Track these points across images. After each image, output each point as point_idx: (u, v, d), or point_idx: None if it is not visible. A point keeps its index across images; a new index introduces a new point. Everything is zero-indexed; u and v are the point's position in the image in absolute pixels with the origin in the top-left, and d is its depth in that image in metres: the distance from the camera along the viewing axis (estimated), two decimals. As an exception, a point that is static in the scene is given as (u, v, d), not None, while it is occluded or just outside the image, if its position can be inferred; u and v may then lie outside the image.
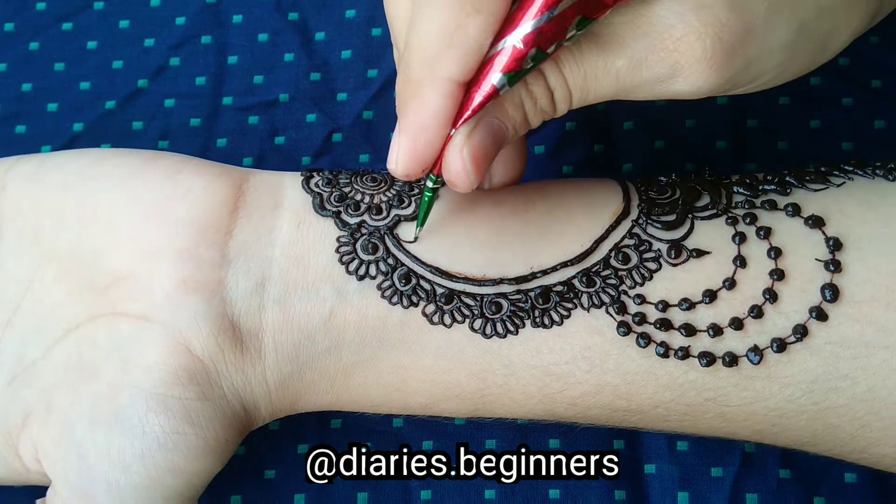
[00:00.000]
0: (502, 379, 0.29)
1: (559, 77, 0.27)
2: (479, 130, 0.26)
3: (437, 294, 0.29)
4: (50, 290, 0.29)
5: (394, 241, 0.29)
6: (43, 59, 0.42)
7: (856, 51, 0.39)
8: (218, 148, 0.40)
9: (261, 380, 0.29)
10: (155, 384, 0.28)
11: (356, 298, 0.29)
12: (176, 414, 0.28)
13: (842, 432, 0.28)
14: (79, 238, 0.29)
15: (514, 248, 0.29)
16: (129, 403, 0.28)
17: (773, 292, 0.28)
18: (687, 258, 0.29)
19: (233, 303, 0.29)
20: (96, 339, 0.29)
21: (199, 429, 0.28)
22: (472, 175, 0.27)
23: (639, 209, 0.30)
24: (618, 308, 0.28)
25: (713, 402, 0.28)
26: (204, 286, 0.28)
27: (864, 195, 0.29)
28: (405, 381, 0.30)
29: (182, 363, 0.28)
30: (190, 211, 0.29)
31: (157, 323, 0.28)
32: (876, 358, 0.27)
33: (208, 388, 0.28)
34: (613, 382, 0.28)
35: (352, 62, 0.41)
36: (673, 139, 0.39)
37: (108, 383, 0.28)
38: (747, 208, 0.29)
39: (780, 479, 0.34)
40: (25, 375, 0.29)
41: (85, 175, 0.30)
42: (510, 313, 0.29)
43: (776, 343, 0.27)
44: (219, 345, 0.28)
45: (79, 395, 0.28)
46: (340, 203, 0.30)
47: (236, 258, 0.29)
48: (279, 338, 0.29)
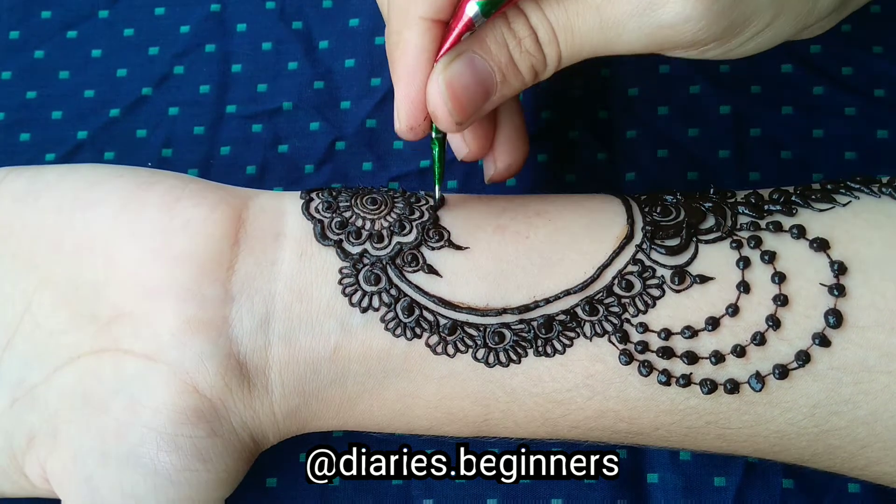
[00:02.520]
0: (505, 405, 0.29)
1: (541, 16, 0.27)
2: (458, 62, 0.27)
3: (440, 325, 0.29)
4: (48, 316, 0.29)
5: (396, 272, 0.29)
6: (48, 66, 0.42)
7: (859, 60, 0.39)
8: (221, 156, 0.40)
9: (268, 412, 0.29)
10: (164, 424, 0.28)
11: (360, 332, 0.29)
12: (187, 452, 0.28)
13: (842, 452, 0.28)
14: (77, 268, 0.29)
15: (517, 276, 0.29)
16: (139, 443, 0.28)
17: (777, 319, 0.27)
18: (690, 284, 0.28)
19: (238, 341, 0.28)
20: (101, 374, 0.28)
21: (209, 464, 0.28)
22: (449, 106, 0.27)
23: (643, 233, 0.29)
24: (620, 337, 0.28)
25: (714, 425, 0.28)
26: (209, 325, 0.28)
27: (870, 215, 0.29)
28: (409, 407, 0.30)
29: (190, 403, 0.28)
30: (190, 246, 0.29)
31: (162, 363, 0.28)
32: (878, 383, 0.27)
33: (217, 425, 0.28)
34: (615, 408, 0.28)
35: (355, 71, 0.41)
36: (676, 148, 0.39)
37: (117, 421, 0.28)
38: (752, 230, 0.29)
39: (783, 489, 0.34)
40: (28, 399, 0.29)
41: (79, 200, 0.30)
42: (513, 343, 0.28)
43: (778, 370, 0.27)
44: (226, 384, 0.28)
45: (87, 428, 0.28)
46: (342, 231, 0.30)
47: (239, 294, 0.29)
48: (285, 373, 0.29)
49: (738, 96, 0.39)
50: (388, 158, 0.40)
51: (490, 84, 0.28)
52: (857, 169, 0.38)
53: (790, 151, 0.39)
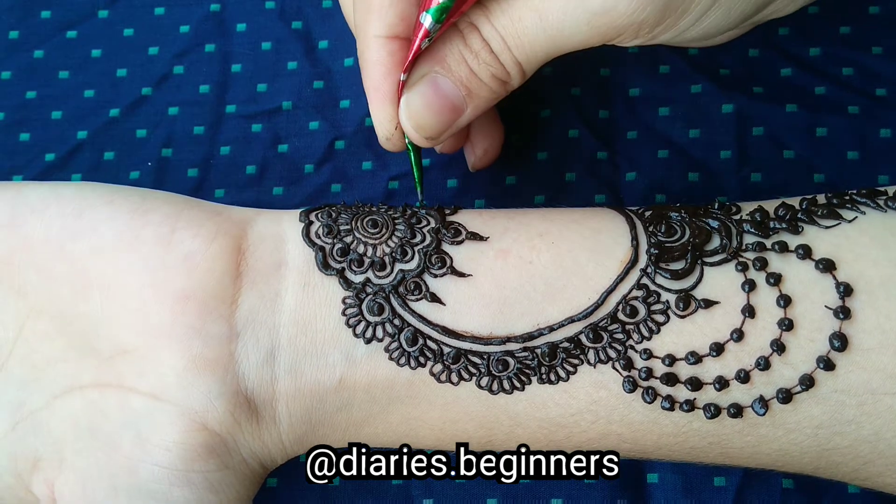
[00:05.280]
0: (508, 429, 0.29)
1: (489, 27, 0.29)
2: (421, 85, 0.30)
3: (444, 354, 0.28)
4: (43, 344, 0.29)
5: (399, 301, 0.29)
6: (47, 66, 0.42)
7: (860, 60, 0.39)
8: (221, 156, 0.40)
9: (276, 441, 0.29)
10: (175, 463, 0.28)
11: (365, 362, 0.28)
12: (199, 486, 0.28)
13: (845, 467, 0.28)
14: (71, 301, 0.29)
15: (520, 303, 0.28)
16: (151, 479, 0.28)
17: (781, 343, 0.27)
18: (696, 309, 0.28)
19: (245, 377, 0.28)
20: (106, 410, 0.28)
21: (221, 494, 0.28)
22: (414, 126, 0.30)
23: (647, 256, 0.29)
24: (624, 364, 0.28)
25: (717, 445, 0.28)
26: (215, 364, 0.28)
27: (876, 232, 0.28)
28: (414, 430, 0.30)
29: (200, 440, 0.28)
30: (191, 283, 0.28)
31: (169, 402, 0.28)
32: (882, 404, 0.26)
33: (228, 459, 0.29)
34: (618, 431, 0.28)
35: (354, 70, 0.41)
36: (677, 148, 0.39)
37: (128, 458, 0.28)
38: (758, 251, 0.28)
39: (783, 489, 0.34)
40: (30, 423, 0.29)
41: (66, 229, 0.29)
42: (517, 371, 0.28)
43: (782, 394, 0.27)
44: (235, 419, 0.28)
45: (95, 461, 0.28)
46: (343, 259, 0.29)
47: (244, 330, 0.28)
48: (292, 405, 0.29)
49: (740, 96, 0.39)
50: (388, 158, 0.40)
51: (457, 100, 0.30)
52: (859, 168, 0.38)
53: (792, 151, 0.38)
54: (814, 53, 0.40)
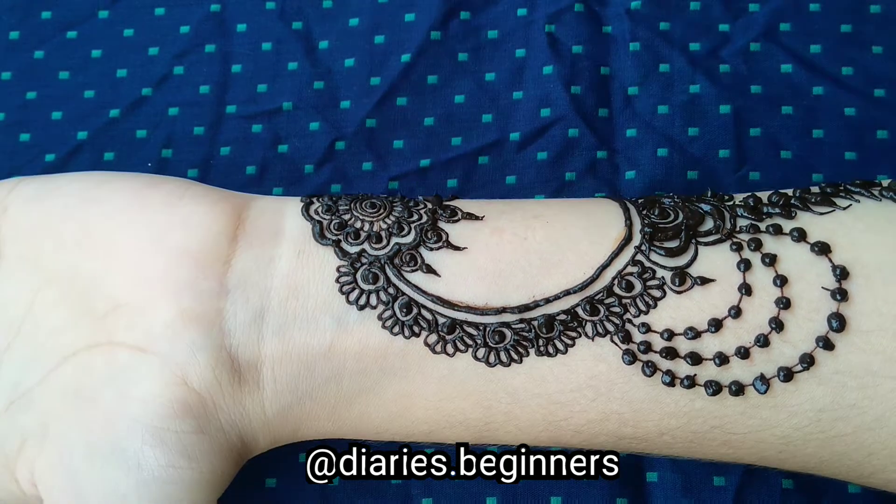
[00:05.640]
0: (507, 407, 0.29)
1: None
2: None
3: (439, 324, 0.28)
4: (48, 315, 0.29)
5: (394, 271, 0.29)
6: (48, 67, 0.42)
7: (859, 61, 0.39)
8: (221, 156, 0.40)
9: (259, 411, 0.29)
10: (151, 417, 0.27)
11: (357, 328, 0.28)
12: (172, 448, 0.28)
13: (848, 459, 0.28)
14: (77, 261, 0.29)
15: (515, 276, 0.29)
16: (125, 436, 0.27)
17: (780, 321, 0.27)
18: (692, 285, 0.28)
19: (231, 334, 0.28)
20: (93, 367, 0.28)
21: (195, 462, 0.28)
22: None
23: (641, 234, 0.29)
24: (622, 337, 0.28)
25: (719, 429, 0.28)
26: (202, 317, 0.28)
27: (871, 219, 0.28)
28: (408, 408, 0.29)
29: (179, 396, 0.28)
30: (188, 239, 0.29)
31: (154, 354, 0.28)
32: (883, 388, 0.26)
33: (205, 422, 0.28)
34: (619, 410, 0.28)
35: (355, 70, 0.41)
36: (676, 147, 0.39)
37: (105, 413, 0.28)
38: (752, 233, 0.29)
39: (783, 489, 0.34)
40: (22, 401, 0.29)
41: (85, 197, 0.30)
42: (514, 342, 0.28)
43: (783, 372, 0.27)
44: (216, 377, 0.28)
45: (76, 421, 0.28)
46: (340, 231, 0.30)
47: (235, 288, 0.28)
48: (278, 369, 0.29)
49: (739, 96, 0.39)
50: (388, 158, 0.40)
51: None
52: (857, 169, 0.38)
53: (790, 151, 0.39)
54: (814, 51, 0.40)
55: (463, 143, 0.40)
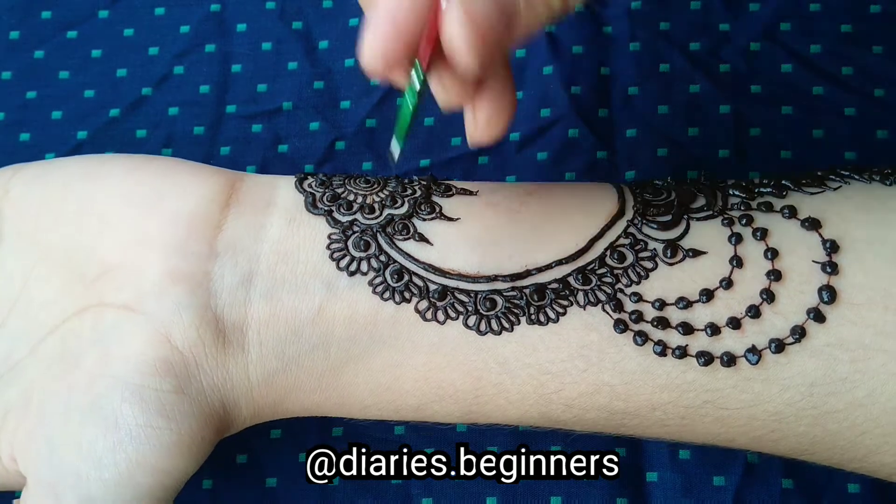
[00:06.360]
0: (497, 377, 0.29)
1: None
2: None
3: (429, 290, 0.28)
4: (43, 288, 0.29)
5: (386, 239, 0.29)
6: (48, 67, 0.42)
7: (859, 61, 0.39)
8: (221, 156, 0.40)
9: (242, 376, 0.29)
10: (131, 373, 0.27)
11: (346, 293, 0.28)
12: (151, 406, 0.27)
13: (841, 439, 0.28)
14: (73, 233, 0.30)
15: (508, 245, 0.29)
16: (104, 393, 0.27)
17: (771, 293, 0.27)
18: (683, 258, 0.28)
19: (217, 295, 0.28)
20: (81, 330, 0.28)
21: (173, 423, 0.28)
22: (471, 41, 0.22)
23: (634, 210, 0.30)
24: (614, 306, 0.28)
25: (712, 404, 0.28)
26: (189, 277, 0.28)
27: (861, 199, 0.29)
28: (397, 379, 0.29)
29: (161, 354, 0.28)
30: (181, 204, 0.29)
31: (140, 313, 0.28)
32: (874, 361, 0.26)
33: (186, 382, 0.28)
34: (611, 382, 0.28)
35: (355, 70, 0.41)
36: (676, 147, 0.39)
37: (87, 373, 0.28)
38: (743, 210, 0.29)
39: (782, 489, 0.34)
40: (10, 375, 0.29)
41: (85, 174, 0.31)
42: (505, 310, 0.28)
43: (774, 343, 0.27)
44: (200, 336, 0.28)
45: (57, 386, 0.28)
46: (333, 203, 0.30)
47: (224, 252, 0.29)
48: (264, 332, 0.28)
49: (738, 96, 0.39)
50: (388, 158, 0.40)
51: (512, 11, 0.22)
52: (856, 168, 0.38)
53: (790, 151, 0.39)
54: (814, 51, 0.40)
55: (463, 143, 0.40)
